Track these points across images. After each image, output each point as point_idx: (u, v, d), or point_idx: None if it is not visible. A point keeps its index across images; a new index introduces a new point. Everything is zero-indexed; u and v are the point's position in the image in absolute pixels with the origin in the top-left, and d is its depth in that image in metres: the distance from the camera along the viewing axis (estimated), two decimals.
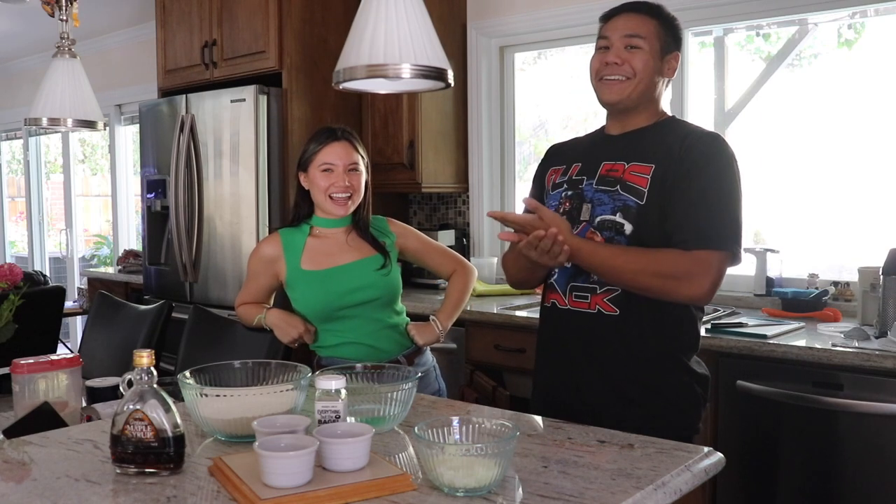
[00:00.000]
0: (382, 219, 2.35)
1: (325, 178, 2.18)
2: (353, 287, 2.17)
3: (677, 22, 1.87)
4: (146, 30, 5.14)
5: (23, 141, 7.11)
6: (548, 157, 2.03)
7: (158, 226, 4.22)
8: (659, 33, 1.81)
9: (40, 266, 7.06)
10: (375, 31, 1.61)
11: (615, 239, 1.75)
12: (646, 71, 1.79)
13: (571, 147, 2.00)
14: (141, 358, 1.36)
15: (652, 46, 1.80)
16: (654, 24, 1.81)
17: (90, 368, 2.50)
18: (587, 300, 1.80)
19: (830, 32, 3.17)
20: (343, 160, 2.18)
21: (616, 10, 1.86)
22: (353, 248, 2.23)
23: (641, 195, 1.75)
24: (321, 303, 2.18)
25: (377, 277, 2.19)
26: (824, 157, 3.18)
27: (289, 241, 2.24)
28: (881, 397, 2.27)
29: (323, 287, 2.18)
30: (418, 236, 2.38)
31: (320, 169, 2.18)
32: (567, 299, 1.83)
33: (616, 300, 1.77)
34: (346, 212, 2.21)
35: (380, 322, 2.21)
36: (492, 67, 4.00)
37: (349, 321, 2.18)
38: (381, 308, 2.21)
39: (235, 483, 1.25)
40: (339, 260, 2.21)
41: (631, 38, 1.79)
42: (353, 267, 2.20)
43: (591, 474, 1.32)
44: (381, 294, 2.20)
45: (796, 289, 3.02)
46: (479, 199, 4.00)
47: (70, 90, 2.73)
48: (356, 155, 2.22)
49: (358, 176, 2.21)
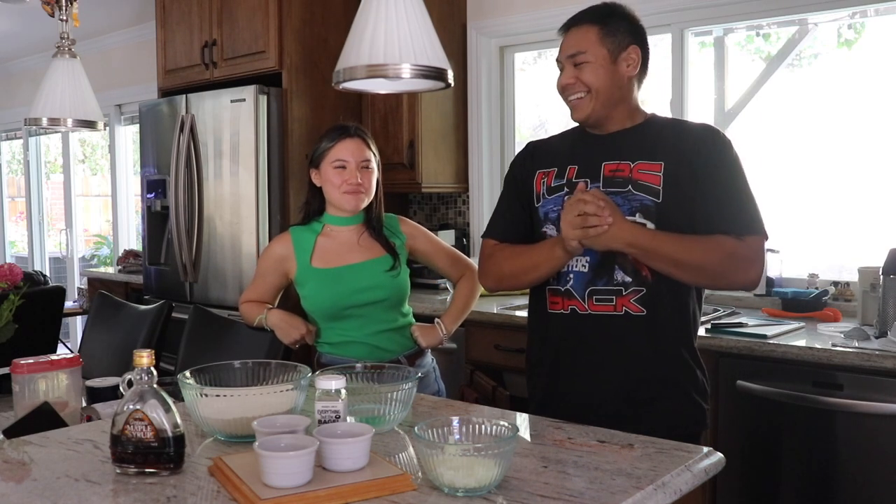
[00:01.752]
0: (394, 217, 2.33)
1: (338, 175, 2.18)
2: (362, 287, 2.17)
3: (629, 15, 1.86)
4: (146, 30, 5.14)
5: (23, 141, 7.11)
6: (530, 155, 1.98)
7: (158, 226, 4.22)
8: (602, 39, 1.81)
9: (40, 266, 7.06)
10: (375, 31, 1.61)
11: None
12: (599, 81, 1.81)
13: (556, 147, 1.97)
14: (141, 358, 1.36)
15: (598, 55, 1.81)
16: (596, 30, 1.82)
17: (90, 368, 2.50)
18: (612, 303, 1.78)
19: (830, 32, 3.17)
20: (356, 157, 2.18)
21: (563, 26, 1.89)
22: (364, 247, 2.23)
23: (657, 193, 1.76)
24: (329, 301, 2.18)
25: (386, 279, 2.19)
26: (824, 157, 3.18)
27: (299, 239, 2.25)
28: (881, 397, 2.27)
29: (332, 285, 2.18)
30: (429, 238, 2.36)
31: (333, 165, 2.18)
32: (587, 304, 1.80)
33: (642, 300, 1.77)
34: (359, 207, 2.21)
35: (385, 323, 2.21)
36: (492, 67, 4.00)
37: (355, 320, 2.19)
38: (388, 309, 2.21)
39: (235, 483, 1.25)
40: (349, 259, 2.21)
41: (575, 57, 1.83)
42: (363, 267, 2.20)
43: (591, 474, 1.32)
44: (388, 295, 2.19)
45: (796, 289, 3.02)
46: (479, 199, 4.00)
47: (70, 90, 2.73)
48: (368, 152, 2.21)
49: (370, 173, 2.21)
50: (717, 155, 1.78)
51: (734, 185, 1.78)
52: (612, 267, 1.78)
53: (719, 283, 1.80)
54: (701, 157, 1.77)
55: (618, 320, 1.78)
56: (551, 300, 1.87)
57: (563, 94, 1.88)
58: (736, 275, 1.75)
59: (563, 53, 1.86)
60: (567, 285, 1.82)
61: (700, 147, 1.79)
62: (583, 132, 1.93)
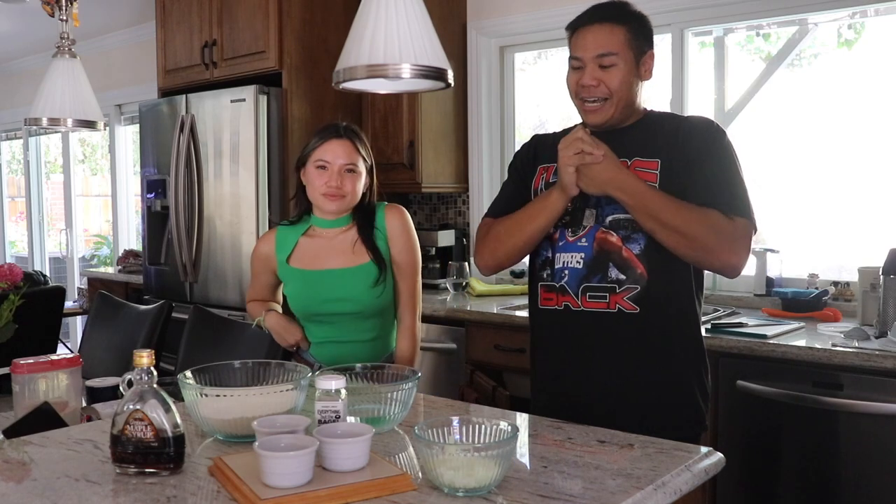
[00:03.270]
0: (382, 207, 2.21)
1: (319, 176, 2.12)
2: (334, 297, 2.12)
3: (645, 17, 1.83)
4: (146, 30, 5.14)
5: (23, 141, 7.11)
6: (534, 148, 1.98)
7: (158, 226, 4.22)
8: (630, 41, 1.77)
9: (40, 266, 7.05)
10: (375, 31, 1.61)
11: (632, 237, 1.76)
12: (623, 87, 1.77)
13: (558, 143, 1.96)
14: (141, 358, 1.36)
15: (626, 59, 1.77)
16: (624, 31, 1.77)
17: (90, 368, 2.50)
18: (605, 300, 1.78)
19: (830, 32, 3.17)
20: (339, 159, 2.11)
21: (583, 20, 1.80)
22: (347, 252, 2.15)
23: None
24: (301, 303, 2.17)
25: (362, 291, 2.11)
26: (824, 157, 3.18)
27: (282, 238, 2.23)
28: (881, 397, 2.27)
29: (305, 287, 2.16)
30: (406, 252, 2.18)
31: (315, 165, 2.12)
32: (580, 301, 1.80)
33: (636, 298, 1.76)
34: (337, 211, 2.15)
35: (355, 333, 2.16)
36: (492, 67, 4.00)
37: (326, 326, 2.17)
38: (361, 320, 2.15)
39: (235, 483, 1.25)
40: (329, 263, 2.15)
41: (603, 58, 1.76)
42: (341, 274, 2.13)
43: (591, 474, 1.32)
44: (361, 309, 2.13)
45: (796, 289, 3.02)
46: (479, 199, 4.00)
47: (70, 90, 2.73)
48: (356, 155, 2.13)
49: (354, 178, 2.13)
50: (710, 142, 1.78)
51: (727, 170, 1.76)
52: (607, 264, 1.77)
53: (702, 257, 1.73)
54: (694, 144, 1.77)
55: (610, 317, 1.78)
56: (545, 296, 1.87)
57: (577, 95, 1.81)
58: (720, 252, 1.70)
59: (587, 52, 1.77)
60: (562, 281, 1.82)
61: (694, 134, 1.78)
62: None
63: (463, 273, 3.69)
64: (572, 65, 1.82)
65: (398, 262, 2.18)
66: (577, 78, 1.80)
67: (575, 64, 1.81)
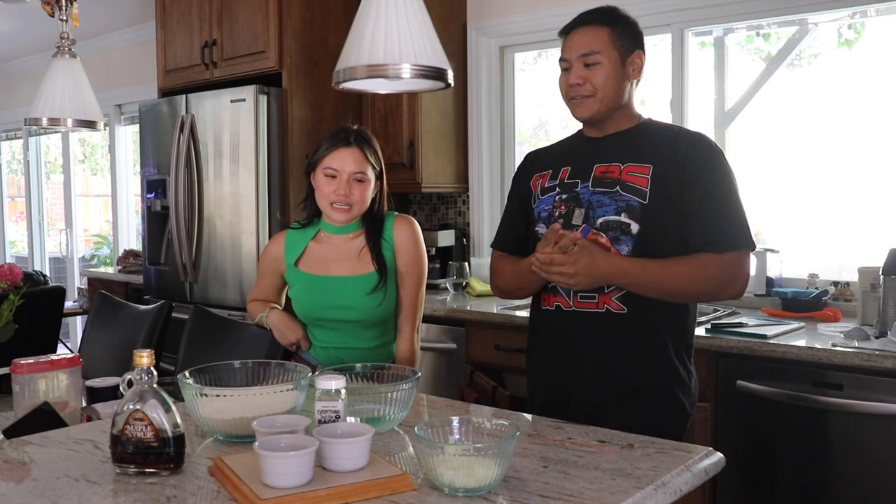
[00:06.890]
0: (391, 217, 2.21)
1: (328, 184, 2.12)
2: (336, 304, 2.13)
3: (633, 20, 1.89)
4: (146, 30, 5.14)
5: (23, 141, 7.11)
6: (528, 165, 2.05)
7: (158, 226, 4.22)
8: (614, 41, 1.83)
9: (40, 266, 7.05)
10: (375, 31, 1.61)
11: (621, 238, 1.78)
12: (608, 84, 1.83)
13: (553, 152, 2.03)
14: (141, 358, 1.36)
15: (610, 57, 1.83)
16: (608, 32, 1.83)
17: (90, 368, 2.50)
18: (594, 300, 1.82)
19: (830, 32, 3.17)
20: (349, 167, 2.10)
21: (571, 25, 1.89)
22: (352, 259, 2.16)
23: (644, 195, 1.78)
24: (305, 307, 2.19)
25: (363, 300, 2.12)
26: (824, 157, 3.17)
27: (292, 240, 2.24)
28: (881, 397, 2.27)
29: (310, 292, 2.17)
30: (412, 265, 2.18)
31: (324, 173, 2.13)
32: (572, 301, 1.84)
33: (623, 299, 1.79)
34: (346, 221, 2.16)
35: (355, 341, 2.16)
36: (492, 67, 4.00)
37: (327, 331, 2.18)
38: (361, 329, 2.16)
39: (235, 483, 1.25)
40: (335, 269, 2.16)
41: (587, 57, 1.83)
42: (345, 282, 2.14)
43: (591, 474, 1.32)
44: (362, 318, 2.14)
45: (796, 289, 3.02)
46: (479, 199, 4.00)
47: (70, 90, 2.72)
48: (366, 163, 2.13)
49: (363, 186, 2.13)
50: (708, 164, 1.80)
51: (722, 196, 1.79)
52: None
53: (705, 301, 1.91)
54: (692, 164, 1.79)
55: (599, 317, 1.81)
56: (543, 296, 1.93)
57: (566, 94, 1.89)
58: (720, 294, 1.82)
59: (572, 52, 1.85)
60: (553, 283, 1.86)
61: (692, 154, 1.81)
62: (580, 137, 1.97)
63: (463, 273, 3.69)
64: (561, 66, 1.90)
65: (403, 274, 2.19)
66: (565, 78, 1.89)
67: (563, 66, 1.90)
